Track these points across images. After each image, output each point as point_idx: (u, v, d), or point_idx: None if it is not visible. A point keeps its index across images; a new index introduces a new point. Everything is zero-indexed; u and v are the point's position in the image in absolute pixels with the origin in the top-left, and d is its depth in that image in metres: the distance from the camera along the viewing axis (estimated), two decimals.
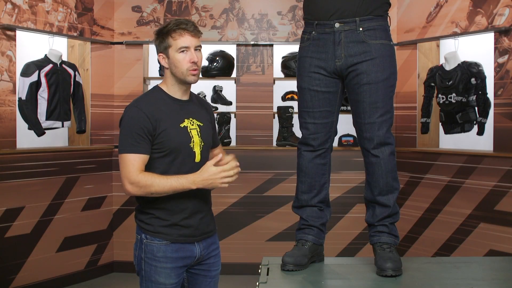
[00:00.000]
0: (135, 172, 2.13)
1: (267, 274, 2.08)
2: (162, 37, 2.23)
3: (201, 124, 2.31)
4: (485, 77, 4.41)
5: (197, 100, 2.39)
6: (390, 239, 2.17)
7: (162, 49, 2.24)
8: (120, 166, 2.18)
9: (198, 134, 2.27)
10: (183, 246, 2.25)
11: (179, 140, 2.21)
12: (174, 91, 2.28)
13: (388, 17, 2.21)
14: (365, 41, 2.12)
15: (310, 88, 2.20)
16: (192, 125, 2.27)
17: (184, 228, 2.25)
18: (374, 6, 2.14)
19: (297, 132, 5.11)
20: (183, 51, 2.21)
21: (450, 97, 4.55)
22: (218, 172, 2.15)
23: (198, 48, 2.25)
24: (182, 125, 2.24)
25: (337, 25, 2.13)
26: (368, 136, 2.15)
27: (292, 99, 5.27)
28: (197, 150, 2.26)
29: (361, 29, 2.12)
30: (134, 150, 2.15)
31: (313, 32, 2.18)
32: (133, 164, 2.14)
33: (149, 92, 2.32)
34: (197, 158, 2.26)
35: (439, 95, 4.64)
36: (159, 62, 2.30)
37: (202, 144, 2.28)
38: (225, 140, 5.13)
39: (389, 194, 2.19)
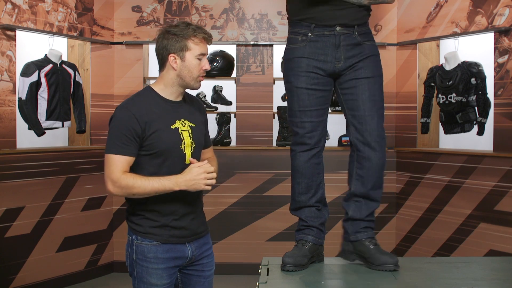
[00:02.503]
0: (118, 173, 2.12)
1: (267, 274, 2.08)
2: (179, 38, 2.19)
3: (193, 125, 2.28)
4: (485, 77, 4.41)
5: (190, 100, 2.36)
6: (374, 234, 2.24)
7: (177, 50, 2.19)
8: (104, 166, 2.17)
9: (189, 136, 2.25)
10: (174, 247, 2.24)
11: (169, 141, 2.19)
12: (170, 93, 2.25)
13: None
14: (360, 43, 2.24)
15: (308, 87, 2.23)
16: (184, 126, 2.25)
17: (175, 229, 2.24)
18: (365, 13, 2.28)
19: None
20: (199, 58, 2.22)
21: (450, 97, 4.55)
22: (200, 173, 2.14)
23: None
24: (173, 127, 2.22)
25: (338, 28, 2.21)
26: (368, 128, 2.20)
27: None
28: (187, 152, 2.24)
29: (356, 33, 2.23)
30: (120, 151, 2.14)
31: (309, 34, 2.21)
32: (117, 164, 2.13)
33: (141, 92, 2.29)
34: (187, 160, 2.24)
35: (439, 95, 4.65)
36: (161, 61, 2.24)
37: (194, 145, 2.26)
38: (225, 140, 5.13)
39: (379, 189, 2.27)
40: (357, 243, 2.20)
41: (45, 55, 4.53)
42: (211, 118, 5.15)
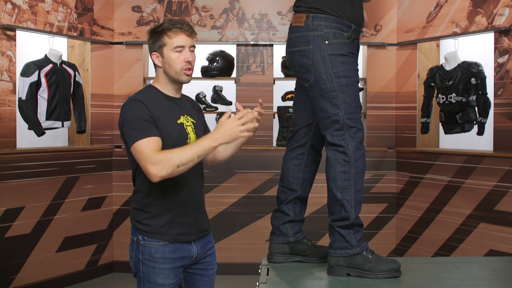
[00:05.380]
0: (153, 153, 2.06)
1: (267, 274, 2.08)
2: (156, 36, 2.22)
3: (194, 121, 2.31)
4: (485, 77, 4.41)
5: (186, 98, 2.40)
6: None
7: (157, 48, 2.23)
8: (137, 156, 2.10)
9: (193, 131, 2.28)
10: (181, 246, 2.25)
11: (177, 136, 2.21)
12: (168, 89, 2.28)
13: None
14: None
15: (358, 82, 2.18)
16: (187, 121, 2.27)
17: (181, 226, 2.24)
18: None
19: None
20: (178, 50, 2.20)
21: (450, 97, 4.55)
22: (233, 121, 2.07)
23: (192, 49, 2.25)
24: (178, 122, 2.25)
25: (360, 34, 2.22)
26: None
27: (292, 99, 5.27)
28: None
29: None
30: (146, 134, 2.10)
31: (348, 33, 2.14)
32: (149, 146, 2.07)
33: (144, 90, 2.31)
34: None
35: (439, 95, 4.65)
36: (152, 61, 2.28)
37: None
38: None
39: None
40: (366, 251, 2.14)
41: (45, 55, 4.53)
42: (211, 118, 5.16)
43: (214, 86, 5.29)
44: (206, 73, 5.12)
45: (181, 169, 2.06)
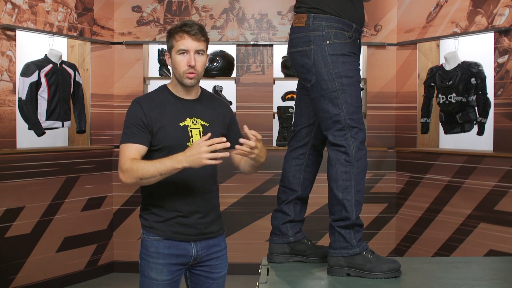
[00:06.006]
0: (125, 161, 2.16)
1: (267, 274, 2.08)
2: (168, 37, 2.28)
3: (206, 124, 2.28)
4: (485, 77, 4.41)
5: (208, 99, 2.37)
6: None
7: (168, 49, 2.29)
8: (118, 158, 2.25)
9: (200, 134, 2.25)
10: (177, 244, 2.26)
11: (175, 138, 2.21)
12: (178, 90, 2.30)
13: None
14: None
15: (360, 82, 2.17)
16: (195, 124, 2.27)
17: (178, 225, 2.25)
18: None
19: None
20: (182, 53, 2.22)
21: (450, 97, 4.55)
22: (200, 146, 2.02)
23: (200, 52, 2.24)
24: (182, 124, 2.24)
25: (362, 33, 2.22)
26: None
27: (292, 99, 5.27)
28: None
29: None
30: (128, 140, 2.19)
31: (350, 32, 2.13)
32: (125, 153, 2.18)
33: (155, 90, 2.36)
34: None
35: (439, 95, 4.65)
36: (164, 61, 2.35)
37: None
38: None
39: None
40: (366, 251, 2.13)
41: (45, 55, 4.53)
42: None
43: (214, 86, 5.29)
44: (206, 73, 5.12)
45: (145, 182, 2.15)
